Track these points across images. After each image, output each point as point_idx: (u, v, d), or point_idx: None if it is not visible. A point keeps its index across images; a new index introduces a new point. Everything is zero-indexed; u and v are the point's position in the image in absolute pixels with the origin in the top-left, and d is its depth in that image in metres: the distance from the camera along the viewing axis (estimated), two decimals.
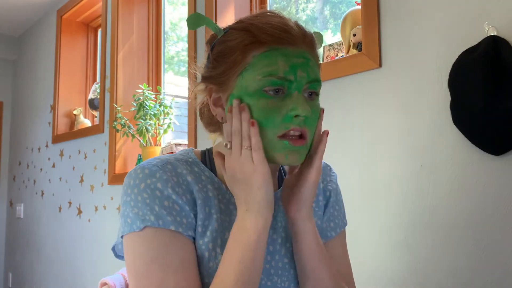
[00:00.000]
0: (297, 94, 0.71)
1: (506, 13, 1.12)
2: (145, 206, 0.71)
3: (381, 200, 1.36)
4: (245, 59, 0.72)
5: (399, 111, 1.33)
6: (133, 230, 0.71)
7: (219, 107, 0.77)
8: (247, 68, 0.72)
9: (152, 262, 0.69)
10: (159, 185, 0.72)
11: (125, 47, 2.71)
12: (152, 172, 0.73)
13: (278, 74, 0.70)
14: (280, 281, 0.78)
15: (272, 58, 0.70)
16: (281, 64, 0.70)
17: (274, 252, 0.79)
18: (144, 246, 0.71)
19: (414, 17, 1.31)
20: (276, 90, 0.71)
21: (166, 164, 0.75)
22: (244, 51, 0.72)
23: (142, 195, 0.72)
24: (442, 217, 1.22)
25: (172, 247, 0.70)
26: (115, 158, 2.62)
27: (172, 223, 0.71)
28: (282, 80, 0.70)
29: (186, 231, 0.72)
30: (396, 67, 1.35)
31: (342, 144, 1.47)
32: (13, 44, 4.11)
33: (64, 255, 3.13)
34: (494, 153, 1.12)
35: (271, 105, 0.70)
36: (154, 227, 0.70)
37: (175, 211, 0.72)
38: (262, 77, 0.70)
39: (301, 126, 0.71)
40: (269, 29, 0.71)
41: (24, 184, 3.75)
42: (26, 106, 3.83)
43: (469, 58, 1.15)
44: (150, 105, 2.37)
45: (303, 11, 2.14)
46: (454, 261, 1.19)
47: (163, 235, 0.70)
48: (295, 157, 0.72)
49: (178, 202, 0.72)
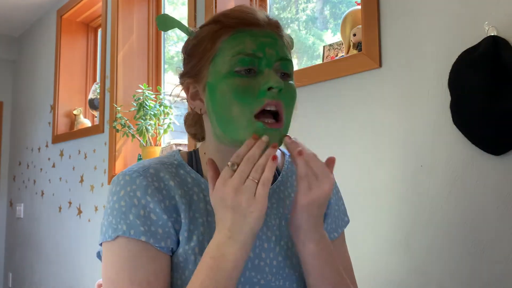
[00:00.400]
0: (268, 70, 0.72)
1: (506, 13, 1.12)
2: (120, 215, 0.71)
3: (381, 200, 1.36)
4: (214, 45, 0.74)
5: (399, 111, 1.33)
6: (105, 240, 0.72)
7: (197, 100, 0.78)
8: (217, 54, 0.74)
9: (120, 272, 0.70)
10: (138, 193, 0.72)
11: (125, 47, 2.71)
12: (132, 179, 0.73)
13: (246, 51, 0.71)
14: (274, 279, 0.78)
15: (240, 38, 0.72)
16: (249, 43, 0.72)
17: (268, 250, 0.78)
18: (114, 255, 0.71)
19: (414, 17, 1.31)
20: (247, 70, 0.72)
21: (148, 169, 0.75)
22: (212, 38, 0.74)
23: (120, 203, 0.72)
24: (442, 217, 1.22)
25: (141, 259, 0.70)
26: (115, 158, 2.62)
27: (143, 234, 0.70)
28: (251, 57, 0.71)
29: (159, 242, 0.71)
30: (396, 67, 1.35)
31: (342, 144, 1.47)
32: (13, 44, 4.11)
33: (64, 255, 3.13)
34: (494, 153, 1.12)
35: (245, 83, 0.71)
36: (125, 237, 0.70)
37: (150, 220, 0.71)
38: (231, 57, 0.72)
39: (275, 99, 0.71)
40: (235, 13, 0.74)
41: (24, 184, 3.75)
42: (26, 106, 3.83)
43: (469, 58, 1.15)
44: (150, 105, 2.37)
45: (303, 11, 2.14)
46: (454, 261, 1.19)
47: (134, 246, 0.70)
48: None
49: (155, 211, 0.72)
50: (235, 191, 0.67)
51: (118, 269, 0.70)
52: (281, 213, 0.82)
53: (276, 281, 0.78)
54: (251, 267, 0.76)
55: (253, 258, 0.77)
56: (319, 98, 1.55)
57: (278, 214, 0.82)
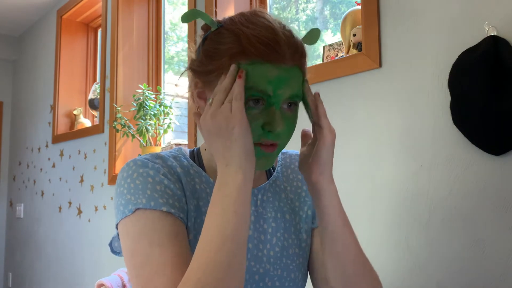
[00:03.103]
0: (274, 110, 0.73)
1: (506, 13, 1.12)
2: (137, 191, 0.73)
3: (381, 200, 1.36)
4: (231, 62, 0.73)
5: (399, 111, 1.33)
6: (125, 215, 0.73)
7: (202, 99, 0.79)
8: None
9: (140, 238, 0.70)
10: (151, 172, 0.75)
11: (125, 47, 2.71)
12: (144, 163, 0.76)
13: (257, 88, 0.71)
14: (272, 269, 0.81)
15: (255, 71, 0.71)
16: (262, 79, 0.71)
17: (265, 241, 0.82)
18: (134, 226, 0.72)
19: (414, 17, 1.31)
20: (256, 101, 0.72)
21: (156, 157, 0.78)
22: (231, 58, 0.73)
23: (135, 183, 0.74)
24: (442, 217, 1.22)
25: (159, 223, 0.71)
26: (115, 158, 2.62)
27: (164, 205, 0.72)
28: (260, 94, 0.72)
29: (178, 213, 0.73)
30: (396, 67, 1.35)
31: (342, 144, 1.47)
32: (13, 44, 4.11)
33: (64, 255, 3.13)
34: (494, 153, 1.12)
35: (250, 115, 0.72)
36: (145, 209, 0.71)
37: (167, 194, 0.73)
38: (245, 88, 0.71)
39: (272, 140, 0.74)
40: (257, 44, 0.71)
41: (24, 184, 3.75)
42: (26, 106, 3.83)
43: (469, 58, 1.15)
44: (150, 105, 2.37)
45: (303, 11, 2.14)
46: (454, 261, 1.19)
47: (152, 215, 0.71)
48: (263, 162, 0.75)
49: (170, 187, 0.74)
50: (213, 115, 0.70)
51: (137, 237, 0.71)
52: (277, 206, 0.86)
53: (274, 270, 0.81)
54: (250, 257, 0.79)
55: (252, 249, 0.80)
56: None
57: (274, 207, 0.86)
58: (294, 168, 0.93)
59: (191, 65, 0.80)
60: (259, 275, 0.79)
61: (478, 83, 1.12)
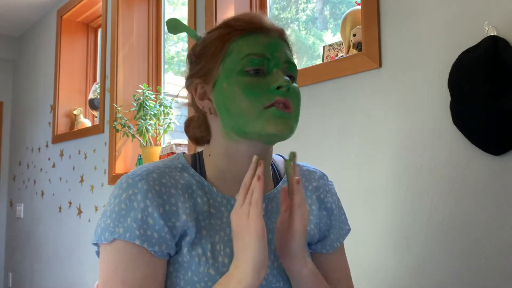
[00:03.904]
0: (276, 70, 0.76)
1: (506, 13, 1.12)
2: (118, 218, 0.73)
3: (381, 200, 1.36)
4: (224, 47, 0.77)
5: (399, 111, 1.33)
6: (100, 241, 0.74)
7: (205, 99, 0.80)
8: (227, 55, 0.77)
9: (114, 273, 0.72)
10: (138, 197, 0.73)
11: (125, 47, 2.71)
12: (134, 182, 0.74)
13: (256, 52, 0.75)
14: (275, 281, 0.79)
15: (249, 40, 0.76)
16: (258, 44, 0.76)
17: (269, 252, 0.80)
18: (110, 257, 0.73)
19: (414, 17, 1.31)
20: (256, 70, 0.75)
21: (151, 174, 0.76)
22: (222, 40, 0.77)
23: (120, 206, 0.73)
24: (442, 217, 1.22)
25: (134, 263, 0.72)
26: (115, 158, 2.62)
27: (138, 237, 0.71)
28: (261, 58, 0.75)
29: (153, 246, 0.72)
30: (396, 67, 1.35)
31: (342, 144, 1.47)
32: (13, 44, 4.11)
33: (64, 255, 3.13)
34: (494, 153, 1.12)
35: (254, 81, 0.75)
36: (121, 240, 0.72)
37: (147, 224, 0.72)
38: (242, 58, 0.75)
39: (285, 97, 0.75)
40: (243, 18, 0.78)
41: (24, 184, 3.75)
42: (26, 106, 3.83)
43: (469, 58, 1.15)
44: (150, 105, 2.37)
45: (303, 11, 2.14)
46: (454, 261, 1.19)
47: (129, 249, 0.72)
48: (283, 125, 0.74)
49: (153, 215, 0.73)
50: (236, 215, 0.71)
51: (112, 271, 0.72)
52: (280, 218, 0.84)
53: (277, 282, 0.79)
54: None
55: None
56: (319, 98, 1.55)
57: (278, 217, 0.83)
58: None
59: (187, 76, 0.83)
60: (261, 287, 0.77)
61: (478, 83, 1.12)
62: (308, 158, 1.02)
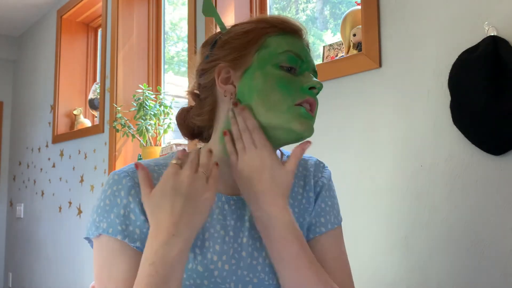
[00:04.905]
0: (308, 73, 0.80)
1: (506, 13, 1.12)
2: (103, 213, 0.75)
3: (381, 200, 1.36)
4: (261, 38, 0.79)
5: (399, 111, 1.33)
6: (88, 235, 0.77)
7: (229, 84, 0.80)
8: (263, 46, 0.78)
9: (101, 268, 0.74)
10: (122, 193, 0.75)
11: (125, 47, 2.71)
12: (120, 179, 0.76)
13: (294, 51, 0.78)
14: (267, 278, 0.78)
15: (288, 39, 0.79)
16: (296, 46, 0.79)
17: (261, 249, 0.78)
18: (97, 252, 0.76)
19: (414, 17, 1.31)
20: (289, 68, 0.78)
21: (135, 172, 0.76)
22: (259, 33, 0.79)
23: (105, 202, 0.75)
24: (442, 217, 1.22)
25: (118, 258, 0.73)
26: (115, 158, 2.62)
27: (120, 233, 0.73)
28: (297, 57, 0.78)
29: (134, 242, 0.73)
30: (396, 67, 1.35)
31: (342, 144, 1.47)
32: (13, 44, 4.11)
33: (64, 255, 3.13)
34: (494, 153, 1.12)
35: (288, 77, 0.77)
36: (106, 235, 0.74)
37: (129, 220, 0.74)
38: (281, 52, 0.77)
39: (315, 98, 0.79)
40: (281, 18, 0.80)
41: (24, 184, 3.75)
42: (26, 106, 3.83)
43: (469, 58, 1.15)
44: (150, 105, 2.37)
45: (303, 11, 2.14)
46: (454, 261, 1.19)
47: (113, 244, 0.73)
48: (307, 125, 0.77)
49: (135, 211, 0.74)
50: (191, 178, 0.69)
51: (100, 266, 0.75)
52: None
53: (270, 280, 0.78)
54: (243, 265, 0.76)
55: (246, 257, 0.77)
56: (319, 98, 1.55)
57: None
58: (296, 173, 0.87)
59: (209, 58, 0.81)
60: (253, 285, 0.76)
61: (478, 83, 1.12)
62: None
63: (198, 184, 0.69)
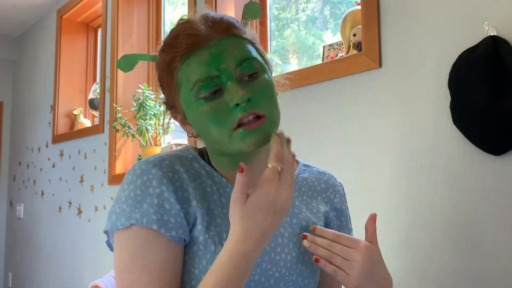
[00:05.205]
0: (231, 84, 0.72)
1: (506, 13, 1.12)
2: (135, 203, 0.73)
3: (381, 200, 1.36)
4: (173, 77, 0.76)
5: (399, 111, 1.33)
6: (116, 227, 0.73)
7: (187, 125, 0.81)
8: (179, 84, 0.76)
9: (133, 259, 0.72)
10: (153, 182, 0.74)
11: (125, 47, 2.71)
12: (148, 169, 0.75)
13: (201, 78, 0.72)
14: (288, 274, 0.80)
15: (192, 65, 0.73)
16: (202, 66, 0.72)
17: (283, 245, 0.81)
18: (127, 242, 0.73)
19: (414, 17, 1.31)
20: (212, 93, 0.73)
21: (163, 160, 0.77)
22: (169, 71, 0.76)
23: (136, 192, 0.73)
24: (442, 217, 1.22)
25: (152, 247, 0.72)
26: (115, 158, 2.62)
27: (155, 222, 0.72)
28: (208, 81, 0.72)
29: (170, 231, 0.72)
30: (396, 67, 1.35)
31: (342, 144, 1.47)
32: (13, 44, 4.11)
33: (64, 255, 3.13)
34: (494, 153, 1.12)
35: (213, 106, 0.73)
36: (138, 225, 0.72)
37: (163, 209, 0.73)
38: (192, 87, 0.73)
39: (247, 111, 0.72)
40: (178, 41, 0.74)
41: (24, 184, 3.75)
42: (26, 106, 3.83)
43: (469, 58, 1.15)
44: (150, 105, 2.37)
45: (303, 11, 2.14)
46: (454, 261, 1.19)
47: (146, 234, 0.72)
48: (256, 139, 0.73)
49: (169, 200, 0.73)
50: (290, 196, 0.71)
51: (131, 256, 0.72)
52: (290, 212, 0.85)
53: (290, 275, 0.80)
54: (267, 259, 0.78)
55: (269, 252, 0.79)
56: (319, 98, 1.55)
57: (288, 212, 0.84)
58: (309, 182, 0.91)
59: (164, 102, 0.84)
60: (274, 279, 0.78)
61: (478, 83, 1.12)
62: (308, 158, 1.02)
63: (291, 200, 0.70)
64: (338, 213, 0.93)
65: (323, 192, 0.92)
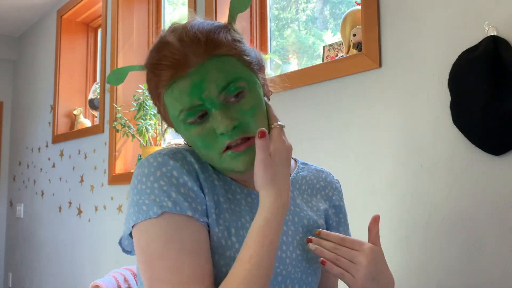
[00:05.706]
0: (214, 112, 0.73)
1: (506, 13, 1.12)
2: (162, 193, 0.72)
3: (381, 200, 1.36)
4: (160, 101, 0.77)
5: (399, 111, 1.33)
6: (149, 217, 0.72)
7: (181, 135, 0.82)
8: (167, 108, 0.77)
9: (169, 242, 0.71)
10: (174, 173, 0.74)
11: (125, 47, 2.71)
12: (165, 160, 0.75)
13: (185, 107, 0.73)
14: (293, 271, 0.81)
15: (175, 93, 0.73)
16: (184, 96, 0.72)
17: (288, 243, 0.82)
18: (161, 229, 0.72)
19: (414, 17, 1.31)
20: (199, 117, 0.74)
21: (177, 153, 0.78)
22: (156, 94, 0.77)
23: (159, 183, 0.73)
24: (442, 217, 1.22)
25: (187, 230, 0.72)
26: (115, 158, 2.62)
27: (189, 209, 0.72)
28: (193, 110, 0.73)
29: (202, 217, 0.74)
30: (396, 67, 1.35)
31: (342, 144, 1.47)
32: (13, 44, 4.11)
33: (64, 255, 3.13)
34: (494, 153, 1.12)
35: (201, 131, 0.74)
36: (171, 213, 0.72)
37: (191, 197, 0.74)
38: (178, 115, 0.75)
39: (234, 138, 0.73)
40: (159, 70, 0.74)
41: (24, 184, 3.75)
42: (26, 106, 3.83)
43: (469, 58, 1.15)
44: (150, 105, 2.37)
45: (303, 11, 2.14)
46: (454, 261, 1.19)
47: (179, 219, 0.72)
48: (239, 161, 0.75)
49: (193, 189, 0.75)
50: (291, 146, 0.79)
51: (166, 242, 0.71)
52: (292, 210, 0.86)
53: (295, 273, 0.81)
54: None
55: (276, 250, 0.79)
56: (319, 98, 1.55)
57: (290, 210, 0.86)
58: (308, 181, 0.93)
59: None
60: (281, 277, 0.79)
61: (478, 83, 1.12)
62: (308, 158, 1.02)
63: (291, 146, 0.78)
64: (337, 210, 0.95)
65: (322, 190, 0.94)
